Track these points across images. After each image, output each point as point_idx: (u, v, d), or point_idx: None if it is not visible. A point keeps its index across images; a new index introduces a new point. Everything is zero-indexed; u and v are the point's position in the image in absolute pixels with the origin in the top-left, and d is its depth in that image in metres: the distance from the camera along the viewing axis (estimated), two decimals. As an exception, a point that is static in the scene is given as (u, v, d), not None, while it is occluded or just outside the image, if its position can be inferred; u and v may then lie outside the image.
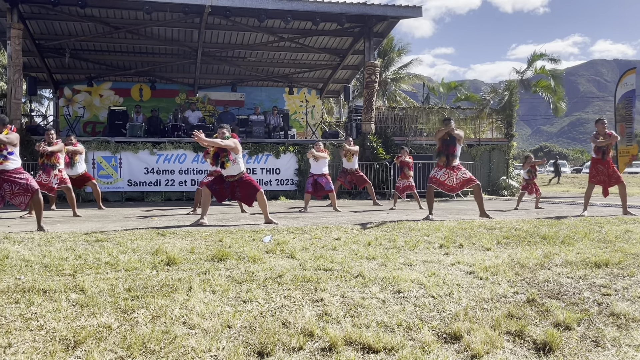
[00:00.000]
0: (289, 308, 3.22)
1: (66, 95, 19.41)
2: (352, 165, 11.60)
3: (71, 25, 16.05)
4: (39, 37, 16.51)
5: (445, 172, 8.21)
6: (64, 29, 16.28)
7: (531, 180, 11.50)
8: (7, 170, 6.66)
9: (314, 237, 5.94)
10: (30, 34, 15.69)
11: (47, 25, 16.02)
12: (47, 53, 17.39)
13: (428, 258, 4.71)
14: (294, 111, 21.04)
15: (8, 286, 3.60)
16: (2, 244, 5.39)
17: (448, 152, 8.21)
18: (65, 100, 19.32)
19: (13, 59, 13.30)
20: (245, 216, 9.02)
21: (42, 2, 13.81)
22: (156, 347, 2.54)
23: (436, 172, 8.29)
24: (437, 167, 8.34)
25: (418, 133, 17.40)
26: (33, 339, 2.63)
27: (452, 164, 8.21)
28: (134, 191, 14.03)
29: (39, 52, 16.95)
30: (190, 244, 5.42)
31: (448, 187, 8.20)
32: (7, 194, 6.70)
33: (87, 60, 18.48)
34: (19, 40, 13.32)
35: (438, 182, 8.21)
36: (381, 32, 16.80)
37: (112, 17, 15.61)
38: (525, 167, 11.69)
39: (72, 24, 15.98)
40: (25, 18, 14.82)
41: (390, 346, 2.67)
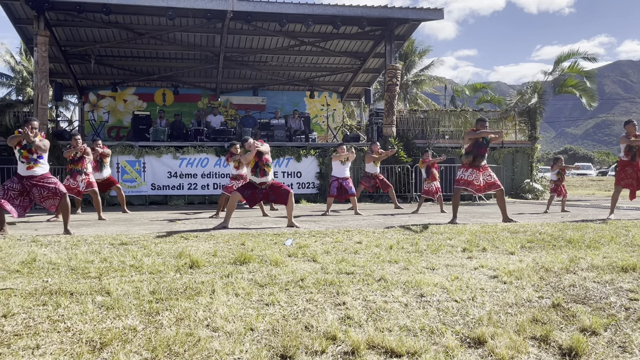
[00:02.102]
0: (311, 311, 3.23)
1: (91, 100, 19.74)
2: (376, 169, 11.57)
3: (96, 31, 16.33)
4: (65, 44, 16.83)
5: (472, 172, 8.12)
6: (89, 35, 16.57)
7: (560, 182, 11.30)
8: (36, 175, 6.81)
9: (335, 241, 5.94)
10: (56, 40, 16.01)
11: (73, 32, 16.33)
12: (72, 59, 17.71)
13: (451, 262, 4.68)
14: (315, 115, 21.09)
15: (36, 288, 3.67)
16: (30, 247, 5.50)
17: (479, 153, 8.12)
18: (90, 106, 19.65)
19: (40, 65, 13.57)
20: (267, 219, 9.06)
21: (68, 9, 14.07)
22: (180, 349, 2.57)
23: (462, 173, 8.19)
24: (462, 168, 8.23)
25: (440, 136, 17.28)
26: (60, 340, 2.68)
27: (480, 164, 8.13)
28: (157, 195, 14.19)
29: (65, 58, 17.27)
30: (213, 247, 5.46)
31: (476, 186, 8.11)
32: (37, 198, 6.84)
33: (111, 66, 18.77)
34: (45, 47, 13.58)
35: (466, 182, 8.11)
36: (402, 35, 16.76)
37: (135, 23, 15.85)
38: (554, 169, 11.50)
39: (97, 31, 16.26)
40: (52, 25, 15.12)
41: (413, 350, 2.66)
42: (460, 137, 17.47)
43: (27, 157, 6.75)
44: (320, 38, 17.17)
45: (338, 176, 10.57)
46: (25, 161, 6.74)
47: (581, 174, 37.67)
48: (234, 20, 14.85)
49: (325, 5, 14.78)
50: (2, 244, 5.64)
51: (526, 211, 10.91)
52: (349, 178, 10.66)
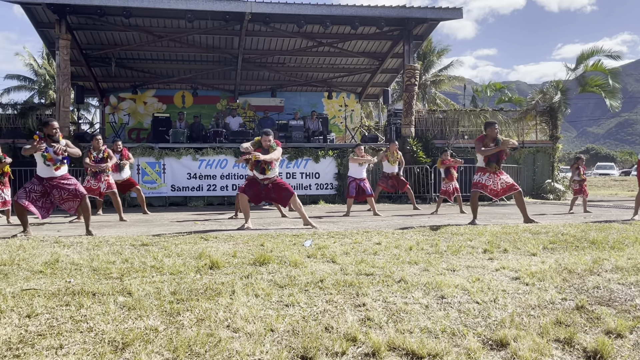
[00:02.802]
0: (331, 313, 3.22)
1: (112, 103, 20.00)
2: (394, 169, 11.53)
3: (116, 34, 16.54)
4: (86, 47, 17.07)
5: (489, 176, 8.06)
6: (110, 38, 16.78)
7: (582, 182, 11.11)
8: (56, 176, 6.90)
9: (354, 242, 5.93)
10: (77, 44, 16.25)
11: (94, 35, 16.55)
12: (93, 62, 17.95)
13: (472, 263, 4.63)
14: (333, 115, 21.09)
15: (59, 289, 3.71)
16: (53, 248, 5.57)
17: (498, 158, 8.07)
18: (111, 108, 19.91)
19: (61, 68, 13.78)
20: (286, 220, 9.07)
21: (89, 13, 14.27)
22: (201, 349, 2.58)
23: (480, 176, 8.13)
24: (480, 172, 8.18)
25: (460, 136, 17.14)
26: (83, 340, 2.71)
27: (496, 169, 8.08)
28: (177, 196, 14.31)
29: (86, 61, 17.52)
30: (233, 248, 5.48)
31: (493, 191, 8.04)
32: (57, 200, 6.93)
33: (131, 68, 18.99)
34: (67, 50, 13.79)
35: (483, 186, 8.05)
36: (421, 34, 16.68)
37: (155, 26, 16.01)
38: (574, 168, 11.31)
39: (118, 34, 16.47)
40: (73, 29, 15.34)
41: (434, 352, 2.63)
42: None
43: (52, 160, 6.84)
44: (338, 39, 17.17)
45: (355, 177, 10.54)
46: (52, 164, 6.83)
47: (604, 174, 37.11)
48: (252, 22, 14.93)
49: (343, 6, 14.78)
50: (26, 245, 5.73)
51: (548, 212, 10.77)
52: (366, 179, 10.64)
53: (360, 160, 10.43)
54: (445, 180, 11.27)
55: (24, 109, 15.70)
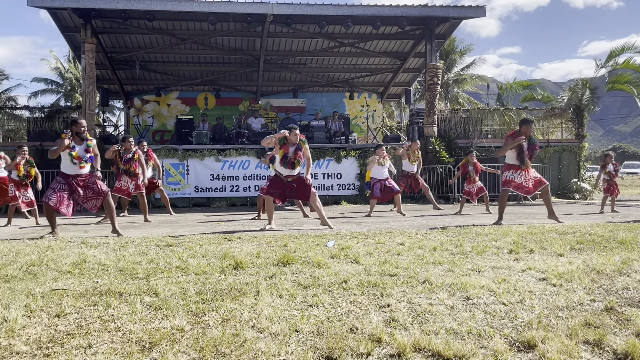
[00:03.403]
0: (355, 313, 3.21)
1: (136, 105, 20.27)
2: (413, 168, 11.44)
3: (140, 38, 16.75)
4: (111, 50, 17.32)
5: (520, 173, 7.91)
6: (134, 41, 17.01)
7: (612, 180, 10.86)
8: (81, 174, 7.02)
9: (377, 242, 5.90)
10: (102, 47, 16.50)
11: (118, 38, 16.79)
12: (118, 65, 18.21)
13: (497, 264, 4.58)
14: (354, 116, 21.06)
15: (87, 289, 3.78)
16: (80, 248, 5.67)
17: (532, 154, 7.94)
18: (135, 110, 20.17)
19: (87, 71, 14.01)
20: (308, 221, 9.08)
21: (114, 17, 14.48)
22: (227, 349, 2.60)
23: (512, 174, 7.95)
24: (511, 169, 8.00)
25: (483, 135, 16.96)
26: (111, 340, 2.75)
27: (528, 165, 7.94)
28: (200, 197, 14.44)
29: (111, 64, 17.78)
30: (256, 249, 5.51)
31: (525, 189, 7.89)
32: (81, 198, 7.04)
33: (155, 71, 19.21)
34: (92, 54, 14.02)
35: (516, 185, 7.89)
36: (443, 33, 16.56)
37: (178, 29, 16.17)
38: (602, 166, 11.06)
39: (141, 37, 16.68)
40: (98, 32, 15.58)
41: (460, 354, 2.61)
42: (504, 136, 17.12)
43: (79, 158, 6.97)
44: (359, 39, 17.13)
45: (379, 178, 10.49)
46: (78, 161, 6.96)
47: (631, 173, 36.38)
48: (273, 24, 14.98)
49: (364, 6, 14.74)
50: (54, 246, 5.83)
51: (575, 211, 10.59)
52: (390, 178, 10.59)
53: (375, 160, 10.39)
54: (469, 180, 11.15)
55: (51, 112, 15.99)
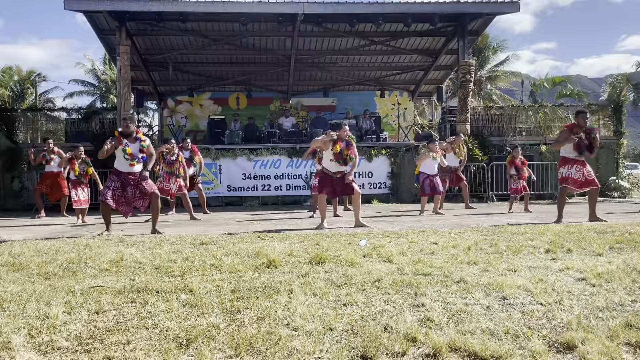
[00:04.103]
0: (389, 312, 3.19)
1: (170, 106, 20.58)
2: (457, 162, 11.27)
3: (173, 39, 16.99)
4: (145, 52, 17.63)
5: (577, 168, 7.65)
6: (167, 43, 17.27)
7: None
8: (133, 172, 7.20)
9: (410, 241, 5.87)
10: (137, 49, 16.80)
11: (152, 40, 17.08)
12: (152, 67, 18.52)
13: (534, 264, 4.50)
14: (385, 114, 20.93)
15: (124, 286, 3.85)
16: (117, 246, 5.79)
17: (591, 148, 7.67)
18: (169, 111, 20.49)
19: (122, 73, 14.29)
20: (340, 220, 9.07)
21: (148, 19, 14.73)
22: (262, 347, 2.61)
23: (568, 170, 7.69)
24: (567, 165, 7.73)
25: (518, 133, 16.67)
26: (149, 336, 2.79)
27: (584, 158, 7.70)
28: (232, 196, 14.58)
29: (145, 66, 18.09)
30: (289, 247, 5.53)
31: (578, 183, 7.64)
32: (130, 197, 7.21)
33: (188, 72, 19.48)
34: (127, 56, 14.30)
35: (574, 181, 7.63)
36: (476, 29, 16.32)
37: (210, 30, 16.36)
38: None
39: (174, 38, 16.91)
40: (133, 35, 15.87)
41: (497, 355, 2.56)
42: (539, 134, 16.82)
43: (132, 155, 7.14)
44: (390, 37, 17.03)
45: (429, 173, 10.30)
46: (130, 159, 7.13)
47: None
48: (304, 23, 15.01)
49: (396, 3, 14.64)
50: (92, 244, 5.98)
51: (615, 210, 10.30)
52: (438, 175, 10.45)
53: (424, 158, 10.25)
54: (515, 178, 10.90)
55: (87, 113, 16.37)
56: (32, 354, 2.56)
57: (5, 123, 15.77)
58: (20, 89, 33.67)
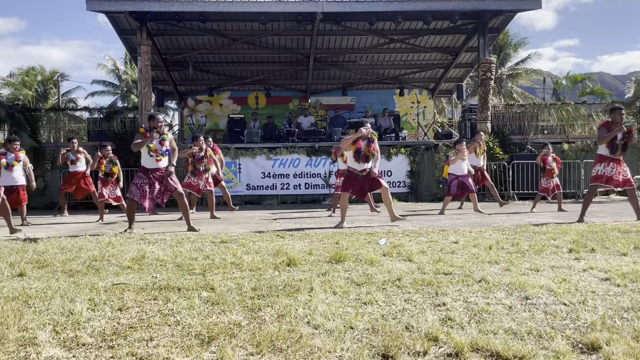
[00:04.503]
0: (410, 311, 3.18)
1: (190, 105, 20.74)
2: (479, 162, 11.15)
3: (193, 39, 17.12)
4: (165, 52, 17.78)
5: (612, 165, 7.46)
6: (187, 43, 17.39)
7: None
8: (159, 167, 7.28)
9: (430, 240, 5.83)
10: (157, 49, 16.95)
11: (172, 40, 17.22)
12: (172, 66, 18.66)
13: (556, 263, 4.44)
14: (404, 112, 20.83)
15: (147, 284, 3.90)
16: (139, 244, 5.86)
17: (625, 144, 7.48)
18: (189, 110, 20.64)
19: (143, 73, 14.43)
20: (359, 218, 9.05)
21: (168, 19, 14.85)
22: (283, 345, 2.62)
23: (603, 168, 7.50)
24: (602, 162, 7.53)
25: (539, 131, 16.46)
26: (171, 333, 2.82)
27: (620, 156, 7.53)
28: (252, 195, 14.64)
29: (166, 66, 18.24)
30: (308, 246, 5.54)
31: (615, 182, 7.45)
32: (156, 193, 7.28)
33: (207, 71, 19.60)
34: (148, 55, 14.43)
35: (607, 178, 7.47)
36: (497, 27, 16.15)
37: (230, 29, 16.43)
38: None
39: (194, 38, 17.03)
40: (153, 35, 16.01)
41: (520, 355, 2.54)
42: (561, 132, 16.59)
43: (156, 151, 7.22)
44: (410, 35, 16.93)
45: (458, 174, 10.24)
46: (155, 154, 7.22)
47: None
48: (323, 22, 15.00)
49: (415, 1, 14.51)
50: (114, 242, 6.05)
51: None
52: (469, 175, 10.37)
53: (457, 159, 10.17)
54: (546, 176, 10.73)
55: (109, 113, 16.57)
56: (57, 350, 2.60)
57: (29, 123, 16.04)
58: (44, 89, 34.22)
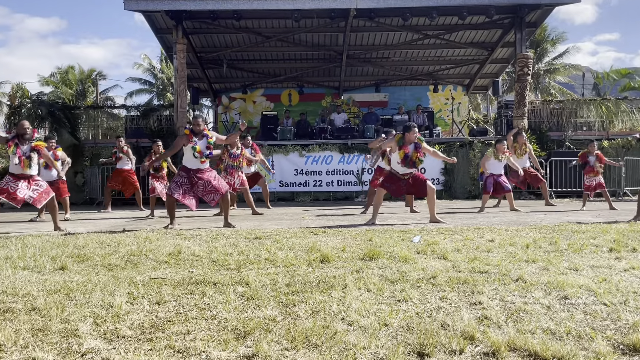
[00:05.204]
0: (445, 310, 3.15)
1: (224, 103, 20.97)
2: (526, 163, 10.93)
3: (228, 37, 17.30)
4: (200, 50, 18.01)
5: None
6: (222, 41, 17.59)
7: None
8: (202, 168, 7.41)
9: (465, 238, 5.77)
10: (192, 47, 17.19)
11: (207, 38, 17.43)
12: (207, 64, 18.90)
13: (596, 263, 4.33)
14: (438, 109, 20.61)
15: (183, 278, 3.96)
16: (175, 240, 5.96)
17: None
18: (223, 108, 20.88)
19: (179, 71, 14.66)
20: (392, 216, 9.01)
21: (203, 17, 15.04)
22: (318, 340, 2.63)
23: None
24: None
25: (578, 127, 16.06)
26: (208, 327, 2.86)
27: None
28: (285, 192, 14.71)
29: (200, 64, 18.48)
30: (342, 243, 5.54)
31: None
32: (200, 191, 7.40)
33: (241, 69, 19.77)
34: (183, 54, 14.65)
35: None
36: (534, 21, 15.82)
37: (264, 27, 16.55)
38: None
39: (229, 36, 17.22)
40: (189, 33, 16.24)
41: (559, 355, 2.49)
42: (601, 128, 16.16)
43: (200, 152, 7.35)
44: (444, 30, 16.74)
45: (493, 172, 10.14)
46: (199, 156, 7.34)
47: None
48: (356, 18, 14.95)
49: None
50: (152, 237, 6.17)
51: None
52: (504, 174, 10.22)
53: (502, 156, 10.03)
54: (587, 174, 10.46)
55: (145, 111, 16.90)
56: (98, 342, 2.66)
57: (68, 120, 16.47)
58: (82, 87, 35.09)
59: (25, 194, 7.30)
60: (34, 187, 7.42)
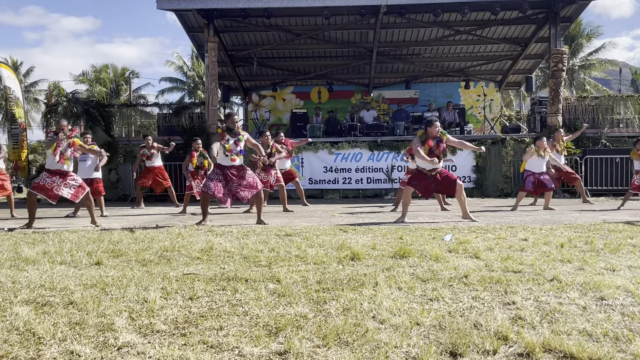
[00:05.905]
0: (478, 309, 3.11)
1: (254, 100, 21.10)
2: (561, 159, 10.68)
3: (258, 35, 17.40)
4: (231, 48, 18.16)
5: None
6: (252, 39, 17.70)
7: None
8: (234, 165, 7.49)
9: (498, 237, 5.69)
10: (223, 46, 17.34)
11: (238, 36, 17.56)
12: (237, 62, 19.04)
13: (634, 263, 4.22)
14: (470, 106, 20.35)
15: (215, 274, 4.01)
16: (207, 236, 6.03)
17: None
18: (253, 106, 21.01)
19: (210, 69, 14.81)
20: (423, 214, 8.95)
21: (234, 15, 15.15)
22: (349, 338, 2.63)
23: None
24: None
25: (615, 124, 15.65)
26: (240, 323, 2.89)
27: None
28: (314, 189, 14.74)
29: (231, 62, 18.63)
30: (372, 241, 5.53)
31: None
32: (234, 188, 7.48)
33: (271, 67, 19.86)
34: (214, 52, 14.79)
35: None
36: (569, 16, 15.47)
37: (294, 24, 16.58)
38: None
39: (259, 34, 17.31)
40: (220, 31, 16.39)
41: (596, 357, 2.44)
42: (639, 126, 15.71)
43: (231, 150, 7.43)
44: (476, 26, 16.51)
45: (534, 171, 9.91)
46: (230, 154, 7.43)
47: None
48: (387, 15, 14.87)
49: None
50: (184, 233, 6.26)
51: None
52: (546, 172, 10.03)
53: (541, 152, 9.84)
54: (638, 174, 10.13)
55: (177, 108, 17.10)
56: (134, 336, 2.72)
57: (102, 118, 16.78)
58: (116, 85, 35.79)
59: (61, 190, 7.49)
60: (70, 183, 7.61)
